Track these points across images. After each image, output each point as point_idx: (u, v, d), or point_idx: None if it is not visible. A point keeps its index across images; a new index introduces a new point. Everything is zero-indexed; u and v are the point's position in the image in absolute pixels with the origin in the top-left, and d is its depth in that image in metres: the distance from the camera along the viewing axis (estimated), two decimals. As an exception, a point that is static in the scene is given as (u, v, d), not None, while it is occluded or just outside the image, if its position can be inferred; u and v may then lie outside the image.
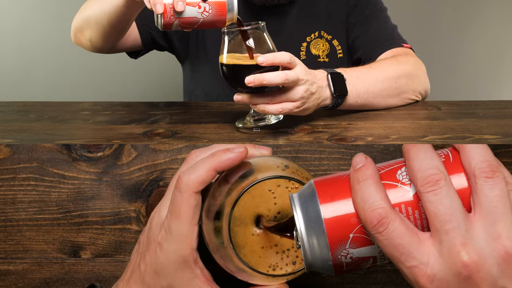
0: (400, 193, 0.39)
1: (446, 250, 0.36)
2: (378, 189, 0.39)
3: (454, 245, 0.36)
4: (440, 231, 0.37)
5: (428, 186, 0.37)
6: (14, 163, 0.61)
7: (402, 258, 0.37)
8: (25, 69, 1.98)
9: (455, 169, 0.39)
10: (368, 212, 0.38)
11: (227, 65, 0.82)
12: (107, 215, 0.61)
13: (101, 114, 1.03)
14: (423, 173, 0.38)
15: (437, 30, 2.15)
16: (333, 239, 0.40)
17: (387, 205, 0.38)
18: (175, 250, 0.48)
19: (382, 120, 0.97)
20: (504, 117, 0.99)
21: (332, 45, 1.25)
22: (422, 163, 0.38)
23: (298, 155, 0.62)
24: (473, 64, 2.21)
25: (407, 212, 0.39)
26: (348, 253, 0.40)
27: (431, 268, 0.37)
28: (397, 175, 0.40)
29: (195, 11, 0.78)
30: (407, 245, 0.37)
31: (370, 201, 0.38)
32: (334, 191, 0.41)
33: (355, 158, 0.41)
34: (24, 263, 0.61)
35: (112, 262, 0.61)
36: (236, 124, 0.88)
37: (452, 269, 0.36)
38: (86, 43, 1.15)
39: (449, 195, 0.37)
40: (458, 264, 0.36)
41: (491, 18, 2.19)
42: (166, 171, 0.61)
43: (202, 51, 1.27)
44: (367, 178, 0.39)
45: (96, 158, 0.61)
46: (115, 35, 1.09)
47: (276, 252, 0.51)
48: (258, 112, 0.85)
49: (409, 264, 0.37)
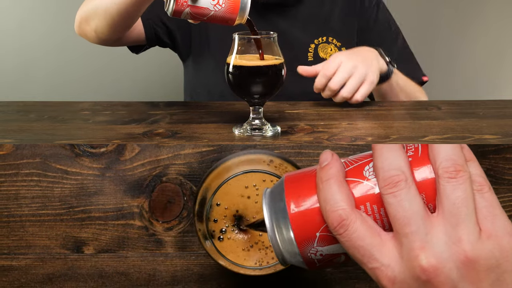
0: (365, 191, 0.39)
1: (405, 253, 0.36)
2: (341, 189, 0.38)
3: (412, 248, 0.35)
4: (400, 234, 0.36)
5: (388, 188, 0.36)
6: (17, 159, 0.61)
7: (364, 260, 0.37)
8: (25, 69, 1.98)
9: (422, 162, 0.38)
10: (329, 213, 0.37)
11: (235, 65, 0.82)
12: (110, 211, 0.61)
13: (101, 114, 1.03)
14: (384, 174, 0.37)
15: (437, 30, 2.15)
16: (300, 238, 0.39)
17: (348, 207, 0.37)
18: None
19: (382, 120, 0.97)
20: (504, 117, 0.99)
21: (340, 50, 1.27)
22: (385, 163, 0.37)
23: (301, 151, 0.62)
24: (473, 64, 2.22)
25: (372, 210, 0.38)
26: (317, 250, 0.39)
27: (392, 270, 0.36)
28: (364, 171, 0.39)
29: (208, 2, 0.77)
30: (368, 247, 0.37)
31: (331, 202, 0.38)
32: (301, 189, 0.41)
33: (321, 155, 0.40)
34: (27, 258, 0.61)
35: (115, 258, 0.62)
36: (232, 130, 0.89)
37: (412, 273, 0.35)
38: (90, 33, 1.13)
39: (409, 198, 0.36)
40: (416, 268, 0.35)
41: (491, 18, 2.19)
42: (169, 167, 0.61)
43: (206, 47, 1.27)
44: (330, 178, 0.39)
45: (99, 154, 0.61)
46: (122, 26, 1.08)
47: (259, 249, 0.52)
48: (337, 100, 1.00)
49: (371, 265, 0.37)
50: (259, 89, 0.84)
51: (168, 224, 0.66)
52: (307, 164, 0.67)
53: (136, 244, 0.66)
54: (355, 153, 0.74)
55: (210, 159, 0.67)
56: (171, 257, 0.68)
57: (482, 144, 0.72)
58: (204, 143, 0.75)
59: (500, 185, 0.71)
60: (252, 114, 0.87)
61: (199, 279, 0.70)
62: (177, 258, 0.68)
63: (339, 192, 0.38)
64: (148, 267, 0.68)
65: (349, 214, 0.37)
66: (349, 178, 0.39)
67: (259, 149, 0.59)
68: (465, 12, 2.16)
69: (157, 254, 0.67)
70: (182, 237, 0.68)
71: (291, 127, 0.91)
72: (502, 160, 0.71)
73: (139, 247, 0.67)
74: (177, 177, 0.65)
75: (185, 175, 0.66)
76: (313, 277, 0.63)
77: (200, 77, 1.30)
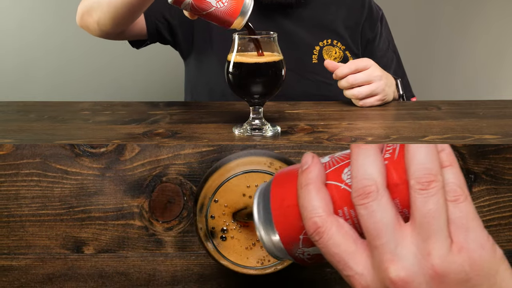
0: (343, 195, 0.38)
1: (376, 264, 0.36)
2: (319, 195, 0.38)
3: (382, 261, 0.35)
4: (371, 245, 0.36)
5: (360, 199, 0.36)
6: (17, 159, 0.61)
7: (339, 267, 0.37)
8: (25, 69, 1.98)
9: (398, 165, 0.37)
10: (306, 220, 0.37)
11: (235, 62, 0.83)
12: (110, 211, 0.61)
13: (101, 114, 1.03)
14: (357, 183, 0.36)
15: (437, 29, 2.15)
16: (285, 239, 0.39)
17: (324, 214, 0.37)
18: None
19: (382, 120, 0.97)
20: (504, 117, 0.99)
21: (345, 54, 1.28)
22: (359, 171, 0.36)
23: (301, 151, 0.62)
24: (473, 64, 2.22)
25: (350, 215, 0.38)
26: (304, 251, 0.40)
27: (365, 279, 0.36)
28: (343, 173, 0.39)
29: None
30: (343, 255, 0.37)
31: (309, 208, 0.37)
32: (285, 191, 0.40)
33: (302, 158, 0.40)
34: (27, 258, 0.61)
35: (115, 258, 0.62)
36: (232, 130, 0.89)
37: (382, 284, 0.35)
38: (93, 26, 1.12)
39: (380, 209, 0.35)
40: (386, 280, 0.35)
41: (492, 17, 2.19)
42: (169, 167, 0.61)
43: (208, 45, 1.27)
44: (308, 183, 0.38)
45: (99, 154, 0.61)
46: (126, 19, 1.06)
47: (261, 247, 0.52)
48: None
49: (346, 273, 0.37)
50: (259, 88, 0.83)
51: (168, 224, 0.66)
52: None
53: (136, 244, 0.66)
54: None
55: (210, 159, 0.67)
56: (171, 257, 0.68)
57: (482, 144, 0.72)
58: (204, 143, 0.75)
59: (500, 185, 0.71)
60: (252, 114, 0.87)
61: (199, 279, 0.70)
62: (177, 258, 0.68)
63: (316, 199, 0.37)
64: (148, 267, 0.68)
65: (324, 222, 0.37)
66: (328, 181, 0.39)
67: (259, 149, 0.59)
68: (465, 11, 2.16)
69: (157, 254, 0.67)
70: (182, 237, 0.68)
71: (291, 127, 0.91)
72: (502, 160, 0.71)
73: (139, 247, 0.67)
74: (177, 177, 0.65)
75: (185, 175, 0.66)
76: (312, 277, 0.63)
77: (201, 76, 1.30)
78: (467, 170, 0.73)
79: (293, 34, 1.25)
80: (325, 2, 1.30)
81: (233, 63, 0.82)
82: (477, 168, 0.73)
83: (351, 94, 1.03)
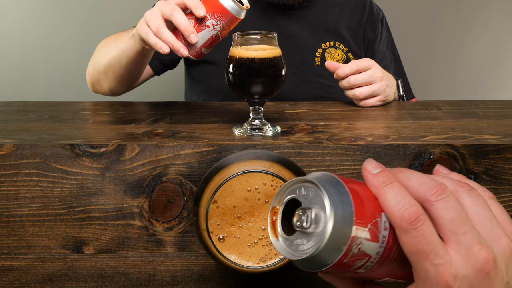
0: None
1: (465, 249, 0.38)
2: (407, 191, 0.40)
3: (473, 244, 0.38)
4: (458, 233, 0.39)
5: (438, 195, 0.39)
6: (17, 159, 0.61)
7: (431, 256, 0.38)
8: (25, 69, 1.98)
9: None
10: (404, 209, 0.39)
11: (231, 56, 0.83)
12: (110, 211, 0.61)
13: (101, 114, 1.03)
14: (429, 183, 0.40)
15: (437, 30, 2.15)
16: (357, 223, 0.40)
17: (419, 205, 0.40)
18: None
19: (382, 120, 0.97)
20: (504, 117, 0.99)
21: (347, 56, 1.28)
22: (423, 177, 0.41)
23: (301, 151, 0.62)
24: (473, 64, 2.21)
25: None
26: (360, 243, 0.40)
27: (455, 267, 0.38)
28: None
29: (208, 32, 0.82)
30: (436, 243, 0.39)
31: (405, 199, 0.39)
32: (356, 182, 0.42)
33: (368, 164, 0.42)
34: (27, 258, 0.61)
35: (115, 258, 0.62)
36: (232, 130, 0.89)
37: (475, 267, 0.38)
38: (105, 92, 1.23)
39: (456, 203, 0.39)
40: (480, 261, 0.38)
41: (492, 18, 2.19)
42: (169, 167, 0.61)
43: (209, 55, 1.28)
44: (394, 180, 0.41)
45: (99, 154, 0.61)
46: (133, 78, 1.17)
47: (263, 246, 0.53)
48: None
49: (436, 261, 0.38)
50: (259, 88, 0.83)
51: (168, 224, 0.66)
52: (307, 164, 0.67)
53: (136, 244, 0.66)
54: (355, 153, 0.74)
55: (210, 159, 0.66)
56: (171, 257, 0.68)
57: (482, 144, 0.72)
58: (204, 143, 0.75)
59: (500, 185, 0.71)
60: (252, 114, 0.87)
61: (199, 279, 0.70)
62: (177, 258, 0.68)
63: (406, 192, 0.40)
64: (148, 267, 0.68)
65: (422, 211, 0.39)
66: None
67: (259, 149, 0.59)
68: (465, 11, 2.16)
69: (157, 254, 0.67)
70: (182, 237, 0.68)
71: (291, 127, 0.90)
72: (502, 160, 0.71)
73: (139, 247, 0.67)
74: (177, 177, 0.65)
75: (185, 175, 0.66)
76: (311, 276, 0.63)
77: (201, 76, 1.31)
78: (467, 170, 0.73)
79: (296, 36, 1.25)
80: (328, 4, 1.30)
81: (233, 63, 0.82)
82: (477, 168, 0.73)
83: (352, 94, 1.03)
